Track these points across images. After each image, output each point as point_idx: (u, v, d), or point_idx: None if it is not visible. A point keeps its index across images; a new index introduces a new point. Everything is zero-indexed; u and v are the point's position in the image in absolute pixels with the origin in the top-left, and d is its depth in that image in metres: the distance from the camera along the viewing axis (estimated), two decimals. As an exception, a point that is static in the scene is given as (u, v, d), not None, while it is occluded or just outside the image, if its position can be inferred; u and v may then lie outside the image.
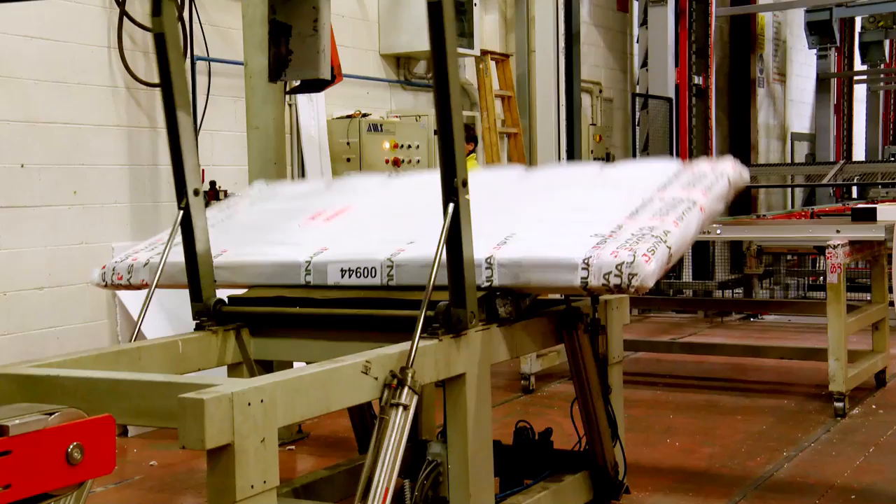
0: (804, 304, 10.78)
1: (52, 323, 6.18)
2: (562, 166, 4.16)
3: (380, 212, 4.45)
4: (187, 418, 2.73)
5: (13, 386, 3.26)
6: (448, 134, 3.36)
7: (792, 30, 17.97)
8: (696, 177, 4.21)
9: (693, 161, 4.28)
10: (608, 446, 4.50)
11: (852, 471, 5.40)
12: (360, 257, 3.95)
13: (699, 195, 4.06)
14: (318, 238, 4.25)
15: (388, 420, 3.16)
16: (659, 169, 4.35)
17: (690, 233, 3.89)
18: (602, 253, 3.53)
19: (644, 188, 4.12)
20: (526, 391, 7.41)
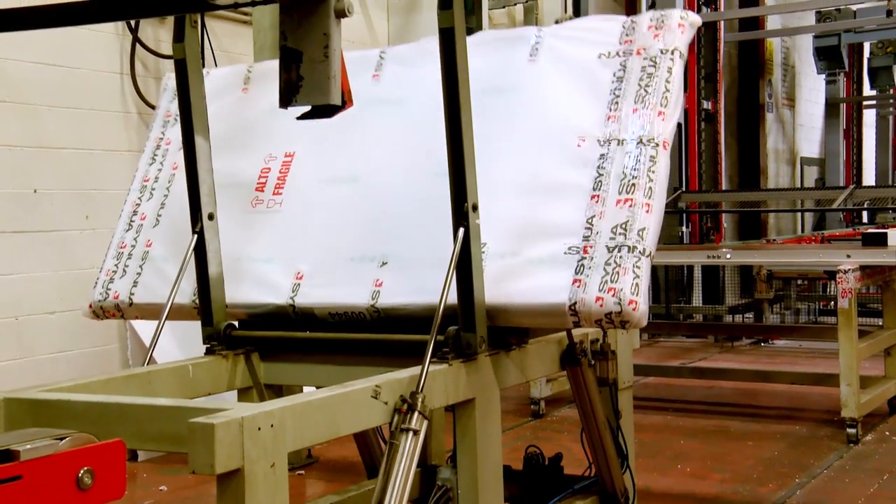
0: (815, 328, 10.74)
1: (63, 347, 6.18)
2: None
3: (327, 185, 4.10)
4: (197, 443, 2.72)
5: (24, 410, 3.26)
6: (459, 157, 3.36)
7: (800, 55, 17.98)
8: (643, 82, 3.61)
9: (630, 24, 3.72)
10: (617, 474, 4.49)
11: (866, 498, 5.37)
12: (343, 303, 3.84)
13: (658, 124, 3.55)
14: (275, 252, 4.07)
15: (399, 445, 3.15)
16: (593, 75, 3.69)
17: (662, 202, 3.56)
18: (586, 297, 3.40)
19: (587, 124, 3.61)
20: (536, 416, 7.39)
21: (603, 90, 3.61)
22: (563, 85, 3.71)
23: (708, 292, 13.19)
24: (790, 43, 17.59)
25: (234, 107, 4.35)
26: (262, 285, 4.02)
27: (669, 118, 3.56)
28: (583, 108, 3.63)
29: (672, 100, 3.57)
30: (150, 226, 4.35)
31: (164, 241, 4.28)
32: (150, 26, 6.99)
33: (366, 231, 3.88)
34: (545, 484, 4.53)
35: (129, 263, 4.33)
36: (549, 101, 3.71)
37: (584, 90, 3.65)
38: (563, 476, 4.61)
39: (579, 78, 3.67)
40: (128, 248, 4.36)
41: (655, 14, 3.66)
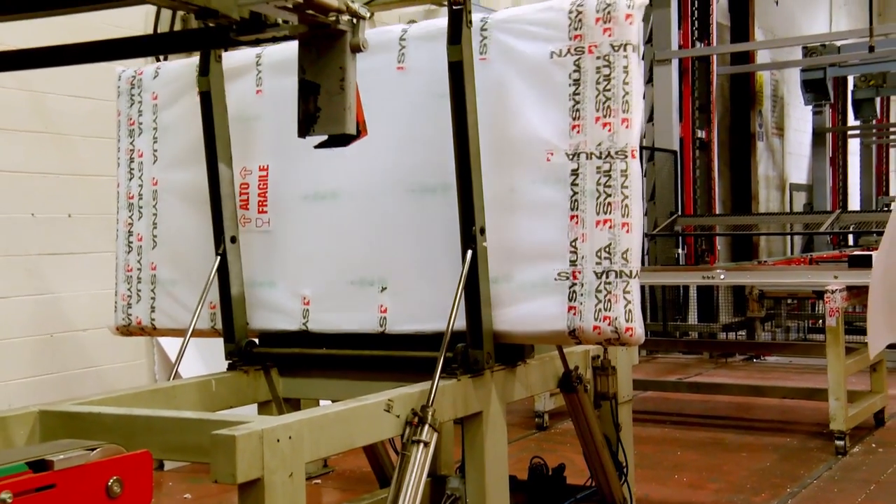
0: (804, 346, 10.71)
1: (94, 362, 6.18)
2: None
3: (310, 203, 3.95)
4: (220, 454, 2.72)
5: (57, 422, 3.26)
6: (467, 182, 3.36)
7: (789, 87, 18.01)
8: (601, 86, 3.36)
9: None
10: (615, 485, 4.47)
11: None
12: (354, 330, 3.84)
13: (624, 133, 3.35)
14: (276, 276, 4.01)
15: (410, 456, 3.14)
16: (549, 77, 3.44)
17: (639, 213, 3.40)
18: (584, 325, 3.38)
19: (552, 135, 3.42)
20: (540, 428, 7.37)
21: (561, 94, 3.40)
22: (520, 90, 3.48)
23: (703, 311, 13.18)
24: (779, 76, 17.62)
25: (190, 114, 4.15)
26: (274, 311, 4.02)
27: (634, 123, 3.37)
28: (545, 116, 3.43)
29: (633, 102, 3.36)
30: (148, 247, 4.29)
31: (167, 264, 4.25)
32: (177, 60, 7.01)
33: (359, 253, 3.82)
34: (549, 493, 4.52)
35: (140, 288, 4.31)
36: (509, 107, 3.49)
37: (542, 96, 3.44)
38: (566, 486, 4.59)
39: (535, 81, 3.45)
40: (134, 272, 4.33)
41: (602, 3, 3.35)
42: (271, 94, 3.99)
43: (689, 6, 13.72)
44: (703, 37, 14.01)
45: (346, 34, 2.67)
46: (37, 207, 6.15)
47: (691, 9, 13.75)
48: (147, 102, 4.31)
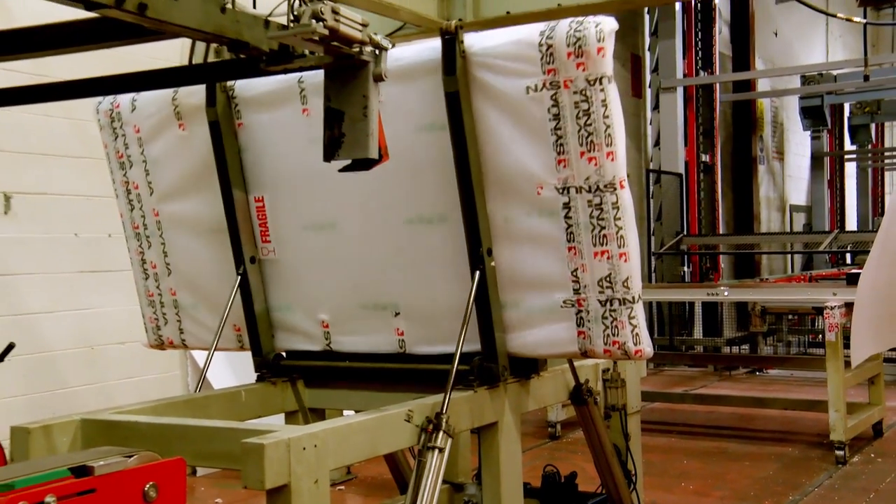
0: (805, 359, 10.66)
1: (131, 373, 6.20)
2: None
3: (308, 229, 3.83)
4: (249, 461, 2.72)
5: (97, 430, 3.27)
6: (472, 206, 3.32)
7: (788, 114, 17.98)
8: (581, 120, 3.17)
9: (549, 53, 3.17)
10: (625, 493, 4.44)
11: (854, 514, 5.29)
12: (374, 351, 3.78)
13: (610, 166, 3.18)
14: (291, 301, 3.94)
15: (426, 462, 3.13)
16: (528, 113, 3.24)
17: (635, 240, 3.28)
18: (595, 349, 3.35)
19: (539, 169, 3.25)
20: (552, 437, 7.34)
21: (543, 129, 3.21)
22: (502, 125, 3.30)
23: (707, 326, 13.13)
24: (779, 103, 17.59)
25: (176, 147, 3.97)
26: (295, 332, 3.98)
27: (619, 155, 3.18)
28: (530, 151, 3.26)
29: (616, 134, 3.17)
30: (164, 275, 4.15)
31: (186, 290, 4.14)
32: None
33: (367, 279, 3.74)
34: (561, 500, 4.49)
35: (166, 312, 4.22)
36: (494, 141, 3.32)
37: (525, 131, 3.25)
38: (578, 493, 4.57)
39: (516, 117, 3.25)
40: (156, 297, 4.22)
41: (571, 37, 3.12)
42: (251, 129, 3.83)
43: (693, 37, 13.73)
44: (706, 66, 14.00)
45: (368, 64, 2.68)
46: (79, 228, 6.19)
47: (695, 40, 13.77)
48: (131, 135, 4.07)
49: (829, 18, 17.66)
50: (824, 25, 19.30)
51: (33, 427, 3.25)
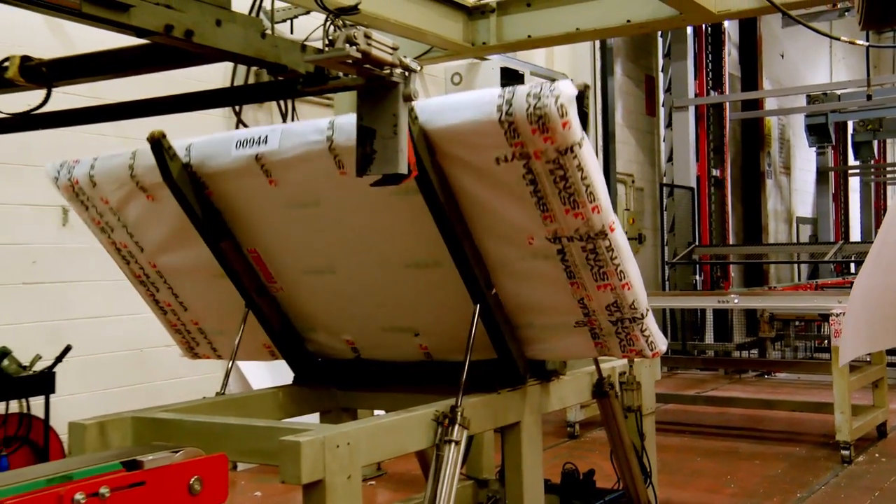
0: (811, 363, 10.56)
1: (178, 374, 6.23)
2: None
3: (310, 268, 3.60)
4: (286, 457, 2.73)
5: (146, 427, 3.29)
6: (463, 258, 3.14)
7: (794, 131, 17.87)
8: (560, 184, 2.89)
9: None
10: (641, 488, 4.42)
11: (859, 511, 5.23)
12: (402, 361, 3.73)
13: (597, 217, 2.95)
14: (314, 323, 3.81)
15: (443, 455, 3.11)
16: (503, 180, 2.94)
17: (635, 268, 3.15)
18: (613, 355, 3.33)
19: (526, 223, 3.03)
20: (571, 437, 7.30)
21: (522, 192, 2.93)
22: (479, 189, 3.02)
23: (718, 331, 13.05)
24: (785, 121, 17.48)
25: (152, 213, 3.61)
26: (325, 348, 3.92)
27: (603, 205, 2.95)
28: (514, 209, 3.00)
29: (597, 189, 2.91)
30: (181, 310, 3.96)
31: (207, 320, 3.98)
32: (251, 109, 7.10)
33: (380, 310, 3.61)
34: (580, 495, 4.47)
35: (195, 337, 4.09)
36: (474, 202, 3.06)
37: (503, 194, 2.98)
38: (596, 489, 4.55)
39: (491, 183, 2.97)
40: (180, 326, 4.04)
41: (532, 115, 2.77)
42: (222, 196, 3.49)
43: (704, 59, 13.70)
44: (716, 86, 13.96)
45: (398, 85, 2.68)
46: (128, 239, 6.24)
47: (706, 61, 13.74)
48: (101, 207, 3.70)
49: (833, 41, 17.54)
50: (828, 48, 19.19)
51: (89, 423, 3.28)
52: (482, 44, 6.02)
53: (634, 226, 12.15)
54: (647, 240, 12.53)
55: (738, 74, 15.36)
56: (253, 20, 2.52)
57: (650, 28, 6.17)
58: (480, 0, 6.16)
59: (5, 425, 5.22)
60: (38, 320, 5.68)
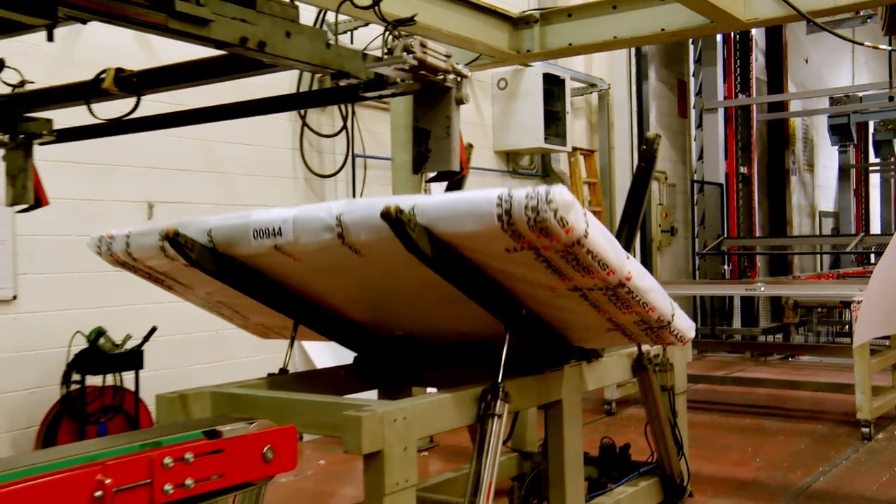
0: (833, 347, 10.36)
1: (250, 354, 6.31)
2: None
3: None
4: (348, 430, 2.74)
5: (223, 401, 3.34)
6: (484, 301, 3.03)
7: (818, 131, 17.53)
8: (572, 262, 2.69)
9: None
10: (674, 460, 4.37)
11: (879, 485, 5.12)
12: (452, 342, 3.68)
13: (613, 276, 2.80)
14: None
15: (487, 429, 3.10)
16: (517, 260, 2.73)
17: (658, 289, 3.02)
18: (650, 347, 3.33)
19: (545, 280, 2.87)
20: (608, 413, 7.26)
21: (536, 267, 2.76)
22: (496, 263, 2.84)
23: (745, 317, 12.88)
24: (809, 121, 17.14)
25: (195, 276, 3.45)
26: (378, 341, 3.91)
27: (617, 265, 2.77)
28: (533, 274, 2.83)
29: (609, 257, 2.73)
30: (245, 319, 3.95)
31: (269, 322, 3.92)
32: (315, 113, 7.15)
33: (428, 321, 3.57)
34: (617, 467, 4.45)
35: (263, 331, 4.08)
36: (494, 269, 2.89)
37: (519, 268, 2.81)
38: (631, 462, 4.52)
39: (507, 261, 2.77)
40: (248, 325, 4.03)
41: (535, 227, 2.51)
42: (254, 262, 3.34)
43: (733, 64, 13.50)
44: (744, 89, 13.74)
45: (451, 90, 2.68)
46: (205, 231, 6.32)
47: (734, 66, 13.54)
48: (147, 270, 3.62)
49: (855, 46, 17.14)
50: (850, 53, 18.76)
51: (173, 396, 3.33)
52: (526, 51, 6.00)
53: (667, 219, 12.01)
54: (678, 232, 12.38)
55: (765, 78, 15.10)
56: (318, 31, 2.54)
57: (682, 36, 6.09)
58: (525, 11, 6.13)
59: (102, 396, 5.33)
60: (128, 304, 5.78)
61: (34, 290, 5.34)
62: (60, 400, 5.25)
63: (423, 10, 5.09)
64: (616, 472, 4.37)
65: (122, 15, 2.09)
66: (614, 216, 10.42)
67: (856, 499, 4.83)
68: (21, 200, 3.48)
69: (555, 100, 9.16)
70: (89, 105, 2.85)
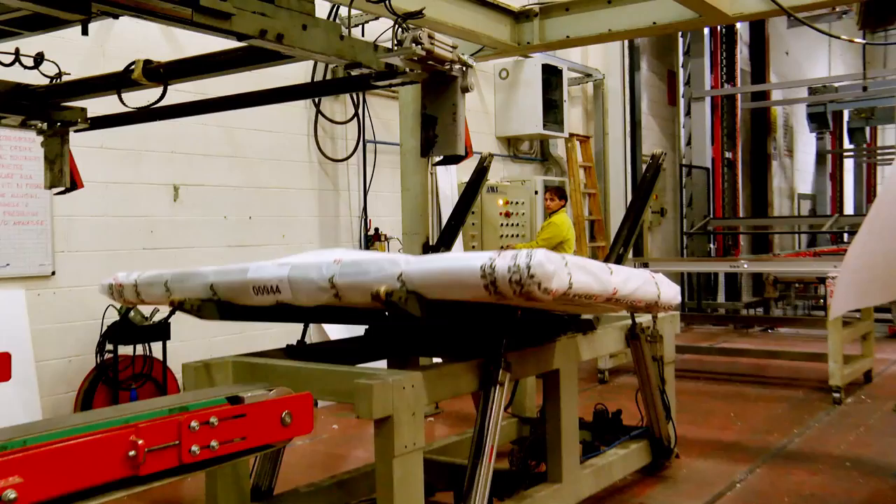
0: (809, 320, 10.37)
1: (269, 326, 6.31)
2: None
3: None
4: (360, 397, 2.75)
5: (245, 369, 3.34)
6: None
7: (797, 118, 17.44)
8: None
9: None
10: (663, 424, 4.38)
11: (847, 444, 5.14)
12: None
13: (599, 304, 2.95)
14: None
15: (490, 396, 3.11)
16: None
17: (643, 281, 3.23)
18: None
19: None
20: (601, 382, 7.27)
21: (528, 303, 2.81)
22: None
23: (729, 292, 12.87)
24: (789, 110, 17.05)
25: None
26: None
27: (604, 289, 2.85)
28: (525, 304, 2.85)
29: (594, 287, 2.81)
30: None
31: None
32: (328, 101, 7.11)
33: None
34: (609, 431, 4.46)
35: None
36: None
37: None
38: (623, 426, 4.53)
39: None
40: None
41: (518, 293, 2.56)
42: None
43: (719, 56, 13.42)
44: (729, 79, 13.65)
45: (457, 79, 2.66)
46: (228, 211, 6.31)
47: (721, 58, 13.45)
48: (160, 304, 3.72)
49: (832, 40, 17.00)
50: (827, 46, 18.62)
51: (198, 365, 3.34)
52: (527, 43, 5.96)
53: (657, 201, 11.97)
54: (668, 213, 12.35)
55: (749, 69, 14.99)
56: (333, 24, 2.51)
57: (673, 29, 6.04)
58: (525, 6, 6.07)
59: (133, 364, 5.35)
60: (154, 279, 5.77)
61: (70, 266, 5.34)
62: (95, 368, 5.27)
63: (430, 4, 5.04)
64: (609, 436, 4.38)
65: (151, 10, 2.08)
66: (608, 198, 10.39)
67: (826, 457, 4.84)
68: (58, 183, 3.51)
69: (553, 89, 9.11)
70: (120, 95, 2.84)
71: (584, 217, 10.07)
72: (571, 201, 9.89)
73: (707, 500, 4.11)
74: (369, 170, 7.43)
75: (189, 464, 1.81)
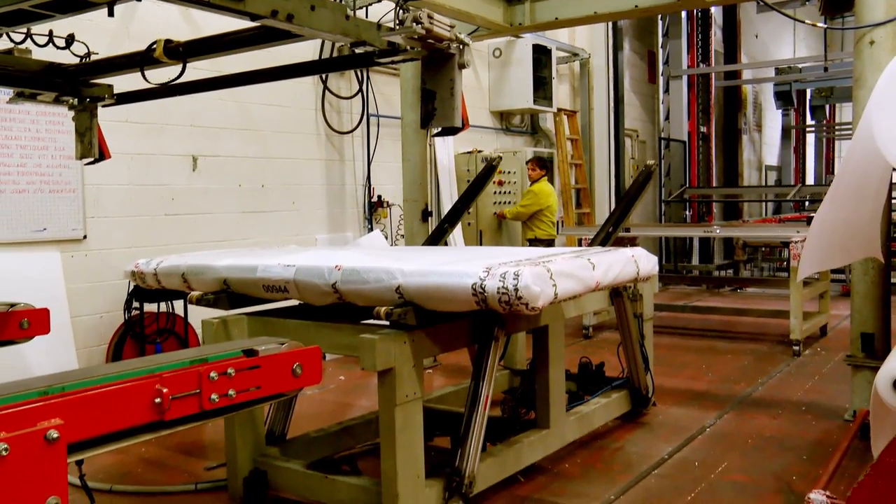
0: (774, 280, 10.38)
1: (281, 286, 6.31)
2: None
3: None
4: (365, 351, 2.74)
5: (259, 325, 3.34)
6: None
7: (765, 96, 17.33)
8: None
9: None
10: (642, 375, 4.39)
11: (804, 391, 5.19)
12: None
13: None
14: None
15: (487, 350, 3.11)
16: None
17: (622, 264, 3.38)
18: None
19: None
20: (586, 337, 7.29)
21: None
22: None
23: (702, 255, 12.88)
24: (758, 88, 16.94)
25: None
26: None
27: (587, 287, 2.95)
28: None
29: (579, 288, 2.88)
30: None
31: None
32: (334, 77, 7.02)
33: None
34: (593, 381, 4.48)
35: None
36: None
37: None
38: (605, 377, 4.55)
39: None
40: None
41: (508, 311, 2.65)
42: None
43: (696, 38, 13.28)
44: (704, 59, 13.51)
45: (455, 56, 2.62)
46: (242, 180, 6.27)
47: (696, 40, 13.31)
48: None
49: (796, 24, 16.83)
50: (792, 30, 18.47)
51: (215, 321, 3.33)
52: (518, 24, 5.88)
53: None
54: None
55: (722, 50, 14.84)
56: (339, 5, 2.47)
57: (653, 12, 5.95)
58: (517, -10, 5.97)
59: (158, 320, 5.35)
60: (177, 243, 5.76)
61: (100, 231, 5.31)
62: (124, 323, 5.27)
63: (428, -13, 4.96)
64: (592, 386, 4.40)
65: (169, -10, 2.03)
66: (593, 168, 10.34)
67: (785, 402, 4.89)
68: (88, 154, 3.52)
69: (542, 67, 9.02)
70: (143, 72, 2.80)
71: (570, 186, 10.02)
72: (560, 171, 9.83)
73: (680, 443, 4.13)
74: (372, 141, 7.37)
75: (209, 410, 1.81)
